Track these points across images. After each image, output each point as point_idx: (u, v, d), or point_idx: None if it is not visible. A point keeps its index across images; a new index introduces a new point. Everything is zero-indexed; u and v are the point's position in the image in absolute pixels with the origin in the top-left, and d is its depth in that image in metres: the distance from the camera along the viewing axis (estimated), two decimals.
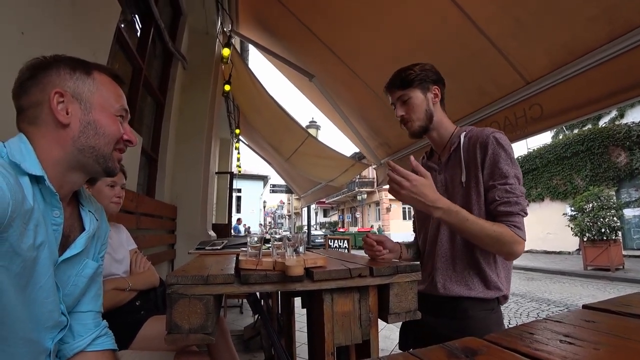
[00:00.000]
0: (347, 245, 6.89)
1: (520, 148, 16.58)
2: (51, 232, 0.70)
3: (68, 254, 0.76)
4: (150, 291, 1.60)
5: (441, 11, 1.97)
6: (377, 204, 28.28)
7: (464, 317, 1.11)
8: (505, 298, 1.14)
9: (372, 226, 24.68)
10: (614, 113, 12.80)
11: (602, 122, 13.28)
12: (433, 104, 1.21)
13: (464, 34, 1.95)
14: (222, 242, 1.82)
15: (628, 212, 11.46)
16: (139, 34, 3.16)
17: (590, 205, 9.64)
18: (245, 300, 4.86)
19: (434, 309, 1.16)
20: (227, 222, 5.99)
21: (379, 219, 27.55)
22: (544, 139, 15.44)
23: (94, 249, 0.87)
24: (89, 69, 0.78)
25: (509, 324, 4.70)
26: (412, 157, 1.02)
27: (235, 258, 1.17)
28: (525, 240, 1.03)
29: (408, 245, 1.40)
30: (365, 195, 28.06)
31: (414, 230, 1.46)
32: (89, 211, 0.85)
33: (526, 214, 1.04)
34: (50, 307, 0.71)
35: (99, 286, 0.91)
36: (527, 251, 14.69)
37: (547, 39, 1.68)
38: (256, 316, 3.70)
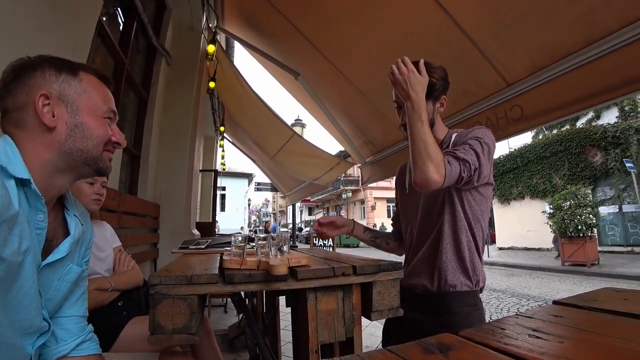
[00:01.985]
0: (331, 243, 6.93)
1: (502, 148, 17.00)
2: (34, 237, 0.68)
3: (51, 258, 0.74)
4: (133, 291, 1.58)
5: (427, 12, 2.00)
6: (362, 202, 28.48)
7: (448, 313, 1.13)
8: (478, 283, 1.19)
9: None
10: (590, 114, 13.24)
11: (580, 123, 13.73)
12: (438, 113, 1.23)
13: (448, 35, 1.98)
14: (206, 242, 1.81)
15: (603, 210, 11.91)
16: (121, 27, 3.10)
17: (568, 203, 9.97)
18: (229, 300, 4.84)
19: (418, 305, 1.18)
20: (211, 221, 5.93)
21: (364, 217, 27.74)
22: (525, 139, 15.88)
23: (78, 254, 0.85)
24: (75, 70, 0.76)
25: (490, 319, 4.82)
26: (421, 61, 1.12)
27: (219, 257, 1.17)
28: (443, 176, 1.02)
29: (369, 229, 1.49)
30: (350, 193, 28.20)
31: (392, 225, 1.50)
32: (74, 215, 0.83)
33: (462, 168, 1.05)
34: (33, 312, 0.70)
35: (83, 290, 0.89)
36: (508, 248, 15.07)
37: (528, 42, 1.73)
38: (241, 315, 3.69)
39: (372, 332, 3.64)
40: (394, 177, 1.55)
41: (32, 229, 0.68)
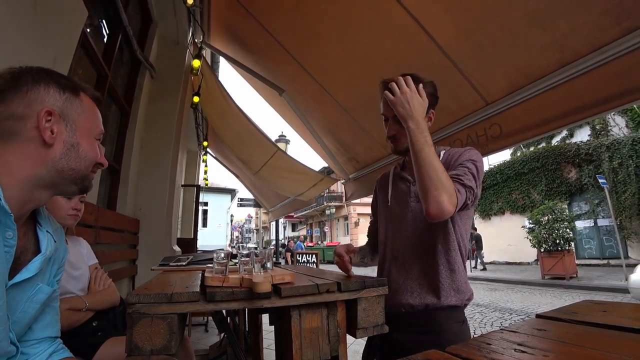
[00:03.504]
0: (315, 260, 6.87)
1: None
2: (2, 254, 0.64)
3: (19, 278, 0.70)
4: (108, 311, 1.51)
5: (409, 33, 2.07)
6: (346, 218, 28.48)
7: (439, 331, 1.11)
8: (469, 301, 1.18)
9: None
10: (564, 132, 13.82)
11: (555, 141, 14.30)
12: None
13: (429, 55, 2.04)
14: (187, 258, 1.77)
15: (579, 224, 12.34)
16: (105, 39, 3.07)
17: (546, 218, 10.26)
18: (210, 318, 4.70)
19: (404, 325, 1.14)
20: (192, 237, 5.80)
21: (348, 234, 27.72)
22: (504, 155, 16.38)
23: (49, 273, 0.80)
24: (77, 91, 0.76)
25: (474, 333, 4.84)
26: None
27: (200, 275, 1.14)
28: (457, 206, 1.00)
29: (358, 252, 1.41)
30: (334, 209, 28.17)
31: (368, 235, 1.46)
32: (47, 232, 0.79)
33: (468, 196, 1.05)
34: (0, 336, 0.66)
35: (56, 312, 0.84)
36: (489, 262, 15.28)
37: (505, 64, 1.81)
38: (222, 334, 3.58)
39: (357, 350, 3.57)
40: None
41: (1, 246, 0.64)
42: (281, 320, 0.97)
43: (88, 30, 2.44)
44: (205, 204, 21.30)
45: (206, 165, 9.26)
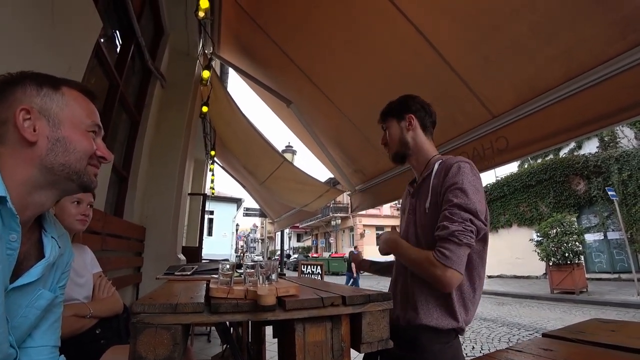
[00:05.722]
0: (320, 271, 6.81)
1: (489, 176, 17.37)
2: (4, 257, 0.65)
3: (20, 282, 0.70)
4: (112, 318, 1.51)
5: (415, 46, 2.08)
6: (351, 229, 28.31)
7: (418, 349, 1.08)
8: (461, 330, 1.08)
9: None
10: (572, 144, 13.71)
11: (563, 153, 14.17)
12: (407, 131, 1.27)
13: (435, 68, 2.05)
14: (192, 268, 1.77)
15: (589, 237, 12.12)
16: (118, 50, 3.14)
17: (554, 230, 10.11)
18: (213, 328, 4.67)
19: (394, 339, 1.13)
20: (197, 246, 5.80)
21: (353, 245, 27.58)
22: (511, 167, 16.29)
23: (52, 279, 0.80)
24: (57, 85, 0.75)
25: (482, 349, 4.74)
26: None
27: (205, 285, 1.14)
28: (449, 266, 0.98)
29: (374, 262, 1.61)
30: (340, 220, 28.04)
31: None
32: (52, 237, 0.79)
33: (458, 239, 0.99)
34: (0, 338, 0.65)
35: (56, 318, 0.84)
36: (497, 276, 15.03)
37: (511, 77, 1.81)
38: (225, 345, 3.55)
39: None
40: (400, 201, 1.64)
41: (3, 248, 0.64)
42: (285, 333, 0.96)
43: (102, 40, 2.50)
44: (211, 212, 21.31)
45: (213, 174, 9.32)
